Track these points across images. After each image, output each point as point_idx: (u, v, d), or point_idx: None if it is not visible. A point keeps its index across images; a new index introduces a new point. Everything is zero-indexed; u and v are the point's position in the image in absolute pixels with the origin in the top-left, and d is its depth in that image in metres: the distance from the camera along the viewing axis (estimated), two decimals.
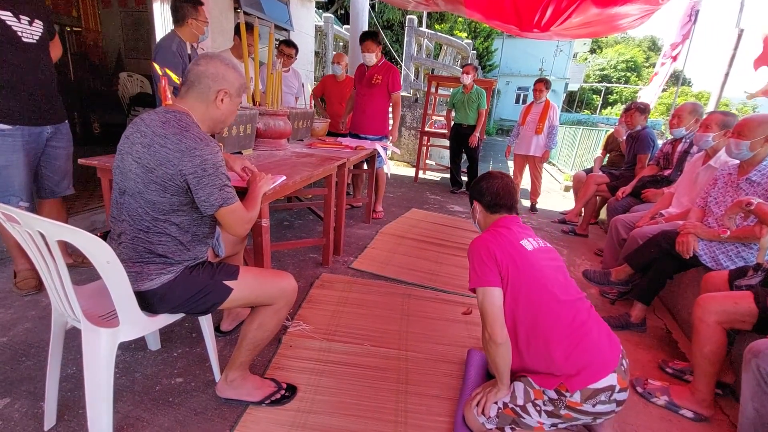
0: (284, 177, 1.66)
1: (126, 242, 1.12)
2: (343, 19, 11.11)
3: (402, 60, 7.82)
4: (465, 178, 5.42)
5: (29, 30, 1.74)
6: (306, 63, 5.64)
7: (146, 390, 1.41)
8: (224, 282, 1.20)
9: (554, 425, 1.20)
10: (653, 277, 2.02)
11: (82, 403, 1.22)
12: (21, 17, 1.70)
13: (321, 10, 10.26)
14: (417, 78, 8.67)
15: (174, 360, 1.57)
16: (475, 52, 12.47)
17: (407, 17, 7.89)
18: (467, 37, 14.74)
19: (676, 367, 1.78)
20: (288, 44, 3.45)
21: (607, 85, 31.44)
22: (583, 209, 3.86)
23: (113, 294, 1.05)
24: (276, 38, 4.32)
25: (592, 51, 35.28)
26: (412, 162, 6.27)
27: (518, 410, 1.19)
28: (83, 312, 1.06)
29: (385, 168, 3.41)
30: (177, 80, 1.82)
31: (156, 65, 1.90)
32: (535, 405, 1.18)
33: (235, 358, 1.33)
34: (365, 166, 3.54)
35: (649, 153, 3.35)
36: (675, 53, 5.36)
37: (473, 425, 1.26)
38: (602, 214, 4.12)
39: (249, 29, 2.63)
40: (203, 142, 1.08)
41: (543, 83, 4.37)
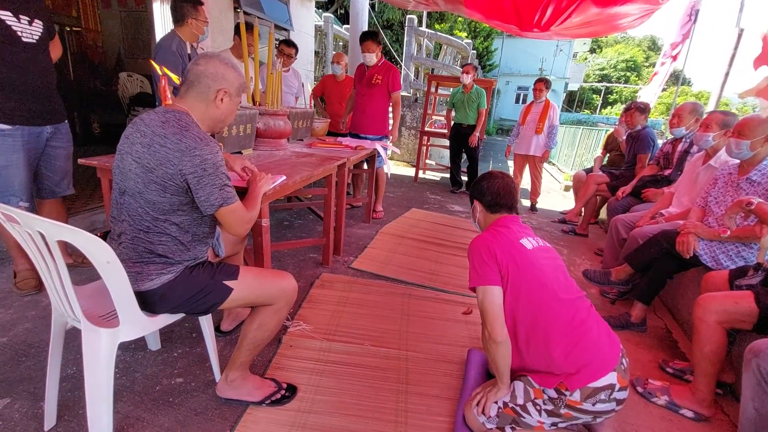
0: (284, 177, 1.66)
1: (126, 242, 1.12)
2: (343, 19, 11.10)
3: (402, 60, 7.82)
4: (465, 178, 5.42)
5: (29, 30, 1.74)
6: (306, 63, 5.64)
7: (146, 390, 1.41)
8: (224, 282, 1.20)
9: (554, 424, 1.20)
10: (653, 277, 2.02)
11: (82, 403, 1.22)
12: (21, 17, 1.70)
13: (321, 10, 10.25)
14: (417, 78, 8.67)
15: (174, 360, 1.57)
16: (475, 52, 12.47)
17: (407, 17, 7.88)
18: (467, 37, 14.73)
19: (677, 367, 1.78)
20: (288, 44, 3.45)
21: (607, 85, 31.45)
22: (583, 209, 3.86)
23: (113, 294, 1.05)
24: (276, 38, 4.32)
25: (592, 51, 35.29)
26: (412, 162, 6.27)
27: (518, 409, 1.19)
28: (83, 312, 1.06)
29: (385, 168, 3.41)
30: (177, 80, 1.82)
31: (156, 65, 1.90)
32: (535, 404, 1.18)
33: (236, 358, 1.33)
34: (365, 166, 3.54)
35: (649, 153, 3.35)
36: (675, 53, 5.36)
37: (473, 425, 1.26)
38: (602, 214, 4.12)
39: (249, 29, 2.63)
40: (203, 142, 1.08)
41: (543, 83, 4.37)
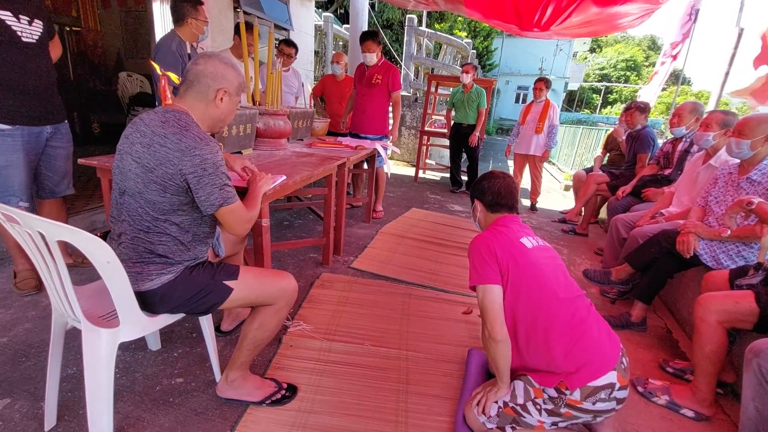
0: (284, 177, 1.66)
1: (126, 242, 1.11)
2: (343, 19, 11.09)
3: (402, 59, 7.82)
4: (465, 178, 5.42)
5: (29, 30, 1.73)
6: (306, 62, 5.64)
7: (146, 390, 1.40)
8: (224, 282, 1.19)
9: (555, 424, 1.20)
10: (653, 277, 2.02)
11: (83, 404, 1.22)
12: (20, 17, 1.70)
13: (321, 10, 10.26)
14: (417, 77, 8.67)
15: (174, 360, 1.57)
16: (475, 52, 12.47)
17: (407, 16, 7.89)
18: (467, 37, 14.73)
19: (677, 367, 1.78)
20: (288, 44, 3.45)
21: (607, 85, 31.45)
22: (583, 208, 3.86)
23: (113, 294, 1.05)
24: (276, 38, 4.31)
25: (592, 50, 35.30)
26: (412, 161, 6.27)
27: (518, 409, 1.19)
28: (83, 312, 1.06)
29: (385, 167, 3.41)
30: (176, 80, 1.81)
31: (155, 65, 1.90)
32: (536, 403, 1.18)
33: (236, 358, 1.33)
34: (365, 166, 3.54)
35: (650, 152, 3.35)
36: (675, 52, 5.35)
37: (474, 425, 1.26)
38: (602, 214, 4.12)
39: (249, 29, 2.63)
40: (203, 142, 1.08)
41: (543, 82, 4.37)
